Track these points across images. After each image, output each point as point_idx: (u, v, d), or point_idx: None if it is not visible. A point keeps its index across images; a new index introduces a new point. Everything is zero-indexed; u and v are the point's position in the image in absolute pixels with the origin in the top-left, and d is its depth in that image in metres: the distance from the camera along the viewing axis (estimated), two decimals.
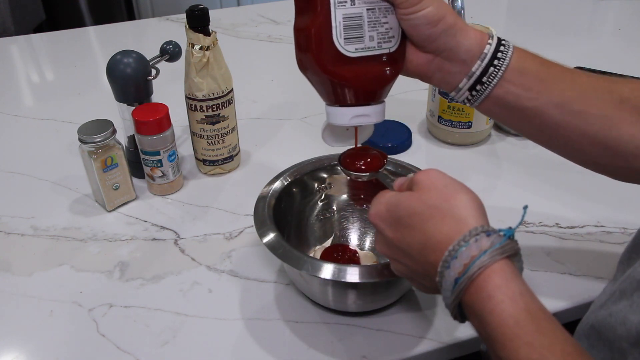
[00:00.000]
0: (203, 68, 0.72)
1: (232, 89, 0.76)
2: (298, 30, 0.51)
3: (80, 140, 0.69)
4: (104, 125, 0.70)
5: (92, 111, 0.80)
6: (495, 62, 0.49)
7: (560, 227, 0.71)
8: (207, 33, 0.71)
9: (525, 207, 0.43)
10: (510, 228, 0.41)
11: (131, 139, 0.79)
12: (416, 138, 0.90)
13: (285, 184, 0.65)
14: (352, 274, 0.52)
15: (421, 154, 0.87)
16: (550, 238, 0.70)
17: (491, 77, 0.49)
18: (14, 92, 1.09)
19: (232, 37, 1.26)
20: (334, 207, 0.70)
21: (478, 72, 0.50)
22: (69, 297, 0.63)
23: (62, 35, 1.30)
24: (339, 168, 0.59)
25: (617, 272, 0.50)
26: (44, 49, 1.26)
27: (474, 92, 0.51)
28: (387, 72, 0.51)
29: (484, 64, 0.49)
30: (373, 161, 0.57)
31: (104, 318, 0.60)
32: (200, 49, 0.71)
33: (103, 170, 0.71)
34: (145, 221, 0.73)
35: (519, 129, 0.54)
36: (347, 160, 0.58)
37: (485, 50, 0.49)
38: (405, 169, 0.66)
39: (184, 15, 0.73)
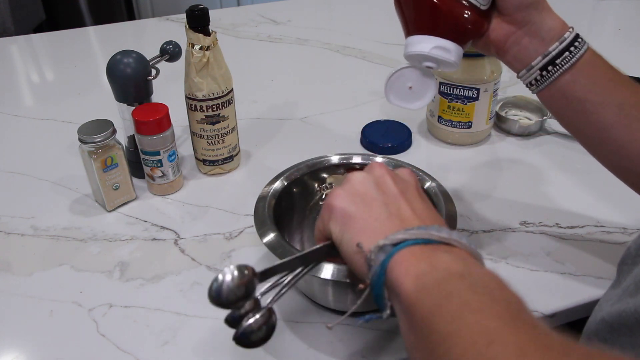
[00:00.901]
0: (203, 68, 0.72)
1: (232, 89, 0.76)
2: None
3: (80, 140, 0.69)
4: (104, 125, 0.70)
5: (92, 111, 0.80)
6: (572, 48, 0.52)
7: (560, 227, 0.71)
8: (207, 33, 0.71)
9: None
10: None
11: (131, 139, 0.79)
12: (416, 138, 0.90)
13: (285, 184, 0.65)
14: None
15: (421, 154, 0.87)
16: (550, 238, 0.70)
17: (565, 60, 0.51)
18: (14, 92, 1.09)
19: (232, 37, 1.26)
20: None
21: (554, 53, 0.52)
22: (69, 297, 0.63)
23: (62, 35, 1.30)
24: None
25: (620, 275, 0.50)
26: (44, 49, 1.26)
27: (544, 73, 0.52)
28: (473, 20, 0.52)
29: (561, 47, 0.51)
30: None
31: (104, 318, 0.60)
32: (200, 49, 0.71)
33: (103, 170, 0.71)
34: (145, 221, 0.73)
35: (573, 124, 0.56)
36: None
37: (565, 35, 0.52)
38: None
39: (184, 15, 0.73)
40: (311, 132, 0.92)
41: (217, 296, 0.41)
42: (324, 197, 0.69)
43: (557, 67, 0.52)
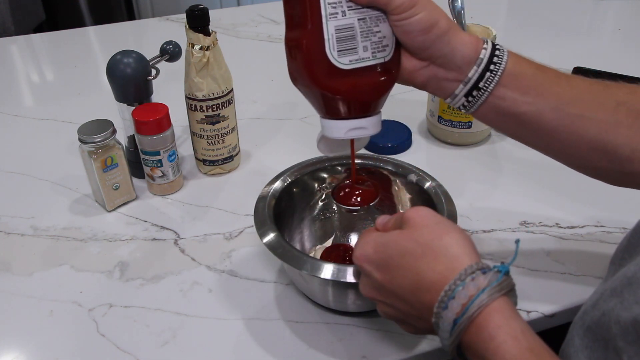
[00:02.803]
0: (203, 68, 0.72)
1: (232, 89, 0.76)
2: (289, 44, 0.49)
3: (80, 140, 0.69)
4: (104, 125, 0.70)
5: (92, 111, 0.80)
6: (492, 67, 0.48)
7: (560, 227, 0.71)
8: (207, 33, 0.71)
9: (518, 241, 0.43)
10: (503, 264, 0.41)
11: (131, 139, 0.79)
12: (416, 138, 0.90)
13: (285, 184, 0.65)
14: (352, 274, 0.52)
15: (421, 154, 0.87)
16: (550, 238, 0.70)
17: (488, 82, 0.49)
18: (14, 92, 1.09)
19: (232, 37, 1.26)
20: (334, 207, 0.70)
21: (474, 78, 0.49)
22: (69, 297, 0.63)
23: (62, 35, 1.30)
24: (334, 201, 0.59)
25: (608, 273, 0.50)
26: (44, 49, 1.26)
27: (470, 98, 0.50)
28: (383, 82, 0.50)
29: (480, 70, 0.49)
30: (366, 195, 0.58)
31: (104, 318, 0.60)
32: (200, 49, 0.71)
33: (103, 170, 0.71)
34: (145, 221, 0.73)
35: (516, 135, 0.54)
36: (339, 193, 0.58)
37: (481, 56, 0.49)
38: (405, 169, 0.66)
39: (184, 15, 0.73)
40: (311, 132, 0.92)
41: None
42: (323, 197, 0.69)
43: (482, 90, 0.49)
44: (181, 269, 0.66)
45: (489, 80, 0.49)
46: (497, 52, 0.49)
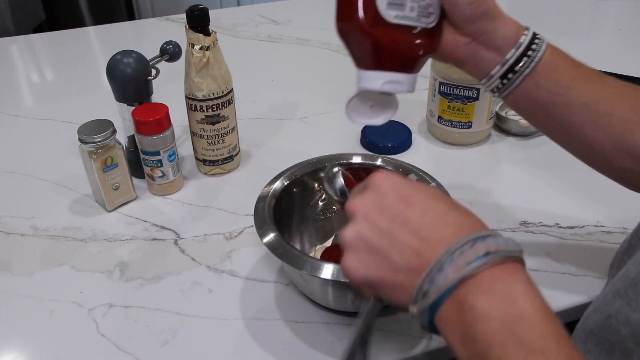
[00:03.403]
0: (203, 68, 0.72)
1: (232, 89, 0.76)
2: None
3: (80, 140, 0.69)
4: (104, 125, 0.70)
5: (92, 111, 0.80)
6: (529, 52, 0.50)
7: (560, 227, 0.71)
8: (207, 33, 0.71)
9: None
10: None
11: (131, 139, 0.79)
12: (416, 138, 0.90)
13: (285, 184, 0.65)
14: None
15: (421, 154, 0.87)
16: (550, 238, 0.70)
17: (524, 67, 0.50)
18: (14, 92, 1.09)
19: (232, 37, 1.26)
20: (334, 207, 0.70)
21: (512, 60, 0.50)
22: (69, 297, 0.63)
23: (62, 35, 1.30)
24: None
25: (609, 278, 0.50)
26: (44, 49, 1.26)
27: (505, 81, 0.51)
28: (421, 44, 0.51)
29: (518, 53, 0.50)
30: None
31: (104, 318, 0.60)
32: (200, 49, 0.71)
33: (103, 170, 0.71)
34: (145, 221, 0.73)
35: (543, 126, 0.55)
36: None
37: (521, 40, 0.50)
38: (406, 169, 0.66)
39: (184, 15, 0.73)
40: (311, 132, 0.92)
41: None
42: (323, 197, 0.69)
43: (517, 73, 0.51)
44: (181, 269, 0.66)
45: (526, 64, 0.50)
46: (536, 40, 0.51)
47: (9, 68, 1.17)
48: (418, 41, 0.51)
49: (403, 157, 0.84)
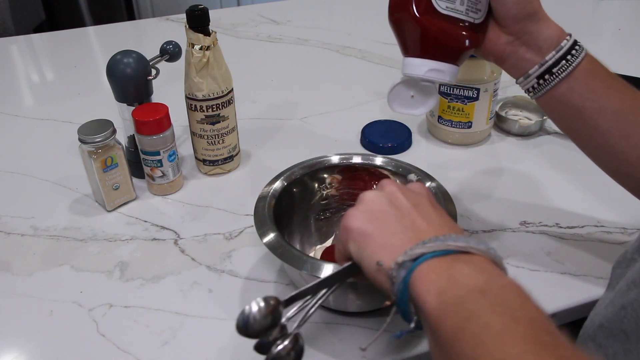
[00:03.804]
0: (203, 68, 0.72)
1: (232, 89, 0.76)
2: None
3: (80, 140, 0.69)
4: (104, 125, 0.70)
5: (92, 111, 0.80)
6: (568, 57, 0.52)
7: (560, 227, 0.71)
8: (207, 33, 0.71)
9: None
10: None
11: (131, 139, 0.79)
12: (416, 138, 0.90)
13: (285, 184, 0.65)
14: None
15: (421, 154, 0.87)
16: (550, 238, 0.70)
17: (561, 70, 0.52)
18: (14, 92, 1.09)
19: (232, 37, 1.26)
20: (334, 207, 0.70)
21: (550, 62, 0.52)
22: (69, 297, 0.63)
23: (62, 35, 1.30)
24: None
25: (613, 278, 0.50)
26: (44, 49, 1.26)
27: (541, 81, 0.53)
28: (467, 37, 0.53)
29: (558, 56, 0.52)
30: None
31: (104, 318, 0.60)
32: (200, 49, 0.71)
33: (103, 170, 0.71)
34: (145, 221, 0.73)
35: (571, 130, 0.56)
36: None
37: (562, 44, 0.52)
38: (406, 169, 0.66)
39: (184, 15, 0.73)
40: (311, 132, 0.92)
41: (245, 327, 0.43)
42: (323, 197, 0.69)
43: (554, 75, 0.52)
44: (181, 269, 0.66)
45: (563, 67, 0.52)
46: (576, 47, 0.53)
47: (9, 68, 1.17)
48: (464, 33, 0.53)
49: (403, 157, 0.84)
